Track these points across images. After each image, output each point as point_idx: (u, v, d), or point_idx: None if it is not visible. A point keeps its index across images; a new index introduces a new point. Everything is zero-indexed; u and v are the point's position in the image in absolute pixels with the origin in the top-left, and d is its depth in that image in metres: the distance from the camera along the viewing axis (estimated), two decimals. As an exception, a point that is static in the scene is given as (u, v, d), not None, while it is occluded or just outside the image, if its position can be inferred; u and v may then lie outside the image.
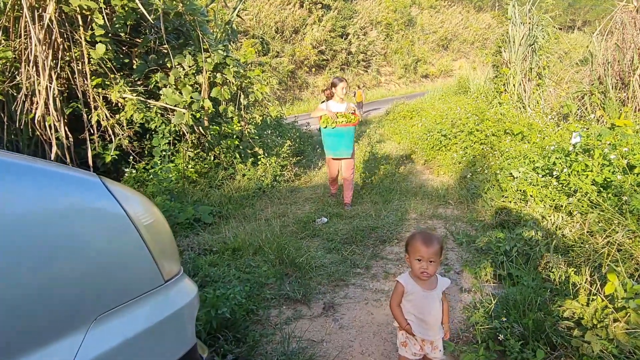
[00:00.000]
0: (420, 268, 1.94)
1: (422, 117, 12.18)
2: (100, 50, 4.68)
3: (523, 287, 2.94)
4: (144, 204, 1.32)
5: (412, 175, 7.72)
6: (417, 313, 2.02)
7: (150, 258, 1.26)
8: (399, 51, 31.65)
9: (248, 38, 25.57)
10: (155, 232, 1.32)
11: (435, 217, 5.27)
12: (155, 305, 1.27)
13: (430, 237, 1.96)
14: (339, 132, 5.45)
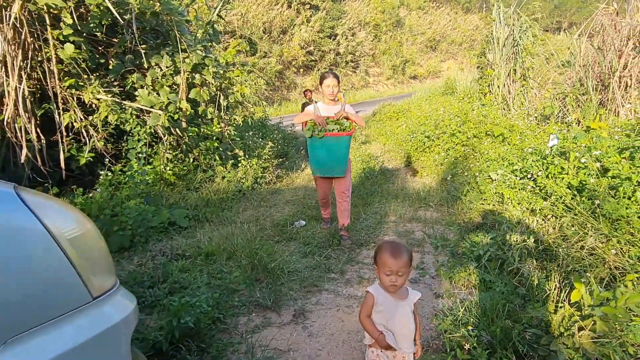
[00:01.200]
0: (390, 281, 1.89)
1: (407, 118, 12.18)
2: (69, 50, 4.56)
3: (495, 293, 2.90)
4: (70, 216, 1.24)
5: (395, 176, 7.68)
6: (387, 324, 1.96)
7: (74, 274, 1.18)
8: (387, 52, 31.70)
9: (235, 38, 25.41)
10: (82, 245, 1.24)
11: (414, 220, 5.23)
12: (82, 323, 1.19)
13: (398, 250, 1.90)
14: (328, 144, 4.20)
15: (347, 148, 4.29)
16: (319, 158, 4.35)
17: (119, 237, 4.48)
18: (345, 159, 4.32)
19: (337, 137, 4.16)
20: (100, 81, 5.70)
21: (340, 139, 4.19)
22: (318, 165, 4.42)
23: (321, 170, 4.44)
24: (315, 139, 4.20)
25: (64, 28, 4.47)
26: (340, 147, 4.23)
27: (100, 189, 5.33)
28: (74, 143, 5.73)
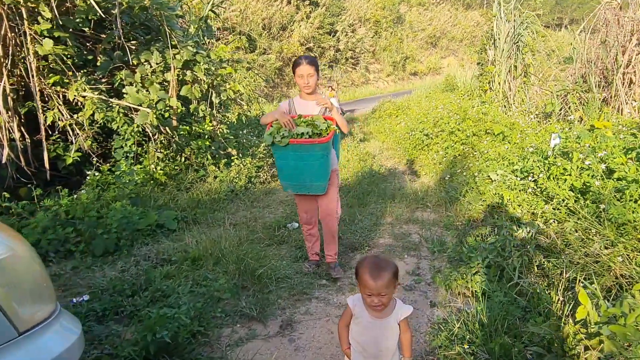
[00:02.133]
0: (372, 302, 1.73)
1: (407, 116, 11.99)
2: (48, 46, 4.38)
3: (493, 303, 2.72)
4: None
5: (393, 176, 7.50)
6: (360, 341, 1.82)
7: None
8: (388, 48, 31.42)
9: (234, 35, 25.18)
10: (6, 271, 1.06)
11: (411, 222, 5.05)
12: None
13: (378, 270, 1.70)
14: (296, 154, 3.14)
15: (323, 159, 3.12)
16: (287, 172, 3.31)
17: (103, 240, 4.31)
18: (322, 173, 3.22)
19: (307, 146, 3.02)
20: (88, 78, 5.52)
21: (311, 149, 3.04)
22: (286, 179, 3.37)
23: (292, 186, 3.40)
24: (278, 148, 3.11)
25: (42, 22, 4.29)
26: (313, 158, 3.10)
27: (86, 190, 5.16)
28: (61, 142, 5.55)
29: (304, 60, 3.22)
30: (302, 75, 3.22)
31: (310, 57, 3.26)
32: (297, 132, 3.08)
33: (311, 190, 3.38)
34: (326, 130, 3.09)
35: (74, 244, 4.33)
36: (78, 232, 4.43)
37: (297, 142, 3.05)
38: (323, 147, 3.08)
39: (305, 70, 3.21)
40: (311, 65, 3.22)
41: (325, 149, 3.12)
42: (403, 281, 3.57)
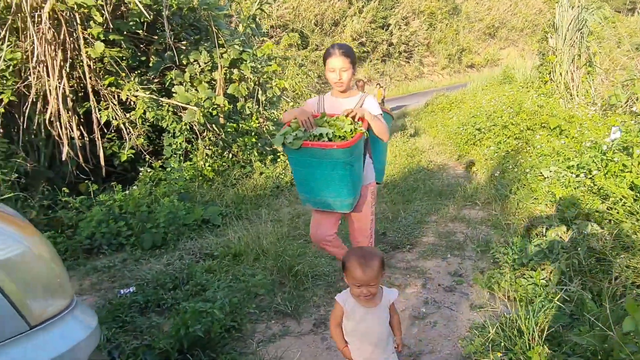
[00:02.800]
0: (360, 294, 1.74)
1: (460, 110, 11.61)
2: (99, 49, 4.60)
3: (537, 309, 2.55)
4: (5, 233, 1.11)
5: (443, 172, 7.28)
6: (359, 333, 1.83)
7: (2, 300, 1.05)
8: (443, 41, 30.54)
9: (287, 32, 25.44)
10: (19, 267, 1.11)
11: (457, 220, 4.87)
12: (13, 357, 1.06)
13: (367, 260, 1.72)
14: (311, 161, 2.51)
15: (347, 169, 2.46)
16: (304, 182, 2.71)
17: (151, 234, 4.49)
18: (347, 187, 2.54)
19: (325, 151, 2.37)
20: (141, 79, 5.77)
21: (330, 154, 2.38)
22: (304, 191, 2.74)
23: (312, 201, 2.75)
24: (291, 151, 2.52)
25: (93, 27, 4.51)
26: (334, 167, 2.44)
27: (138, 186, 5.40)
28: (116, 140, 5.85)
29: (337, 50, 2.59)
30: (333, 69, 2.60)
31: (345, 46, 2.66)
32: (315, 134, 2.42)
33: (335, 207, 2.68)
34: (351, 134, 2.41)
35: (125, 237, 4.54)
36: (129, 226, 4.64)
37: (312, 145, 2.36)
38: (345, 152, 2.36)
39: (338, 63, 2.58)
40: (346, 57, 2.58)
41: (348, 156, 2.38)
42: (443, 282, 3.45)
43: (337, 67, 2.61)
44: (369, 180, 2.83)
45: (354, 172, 2.53)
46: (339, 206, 2.67)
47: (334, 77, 2.64)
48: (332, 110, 2.70)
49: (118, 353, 2.58)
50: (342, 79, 2.64)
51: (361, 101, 2.74)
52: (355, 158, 2.50)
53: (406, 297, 3.26)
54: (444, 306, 3.10)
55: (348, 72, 2.64)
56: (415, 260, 3.89)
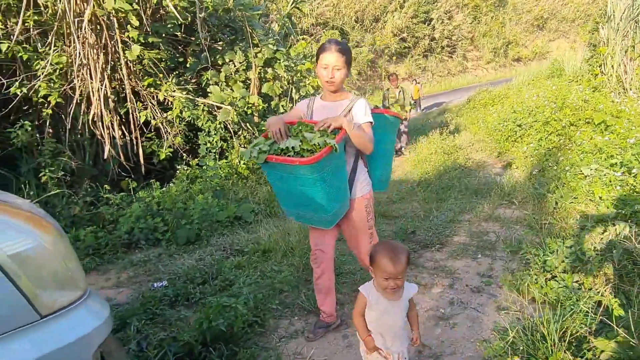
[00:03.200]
0: (387, 286, 1.81)
1: (503, 105, 11.24)
2: (135, 51, 4.79)
3: (565, 312, 2.45)
4: (12, 230, 1.19)
5: (480, 169, 7.09)
6: (380, 325, 1.92)
7: (15, 291, 1.13)
8: (488, 34, 29.66)
9: (327, 29, 25.48)
10: (31, 260, 1.19)
11: (491, 219, 4.73)
12: (23, 345, 1.14)
13: (397, 255, 1.79)
14: (282, 175, 2.30)
15: (319, 185, 2.19)
16: (281, 195, 2.52)
17: (186, 230, 4.63)
18: (319, 203, 2.27)
19: (290, 167, 2.14)
20: (178, 79, 5.96)
21: (295, 170, 2.16)
22: (284, 204, 2.57)
23: (294, 214, 2.56)
24: (263, 165, 2.28)
25: (130, 30, 4.70)
26: (300, 183, 2.23)
27: (175, 183, 5.59)
28: (155, 139, 6.07)
29: (333, 45, 2.34)
30: (326, 66, 2.34)
31: (343, 43, 2.39)
32: (279, 148, 2.20)
33: (314, 223, 2.47)
34: (319, 147, 2.11)
35: (162, 233, 4.72)
36: (165, 222, 4.81)
37: (275, 160, 2.16)
38: (312, 169, 2.10)
39: (332, 60, 2.32)
40: (341, 55, 2.33)
41: (316, 172, 2.12)
42: (471, 282, 3.37)
43: (330, 64, 2.34)
44: (363, 192, 2.53)
45: (329, 188, 2.24)
46: (318, 222, 2.44)
47: (326, 74, 2.36)
48: (319, 115, 2.45)
49: (146, 344, 2.69)
50: (334, 78, 2.36)
51: (350, 105, 2.42)
52: (329, 173, 2.19)
53: (432, 297, 3.21)
54: (470, 307, 3.03)
55: (341, 71, 2.36)
56: (444, 260, 3.82)
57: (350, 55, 2.43)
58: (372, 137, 2.35)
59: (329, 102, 2.50)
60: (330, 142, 2.09)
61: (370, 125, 2.38)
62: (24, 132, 4.90)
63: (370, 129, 2.38)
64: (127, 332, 2.80)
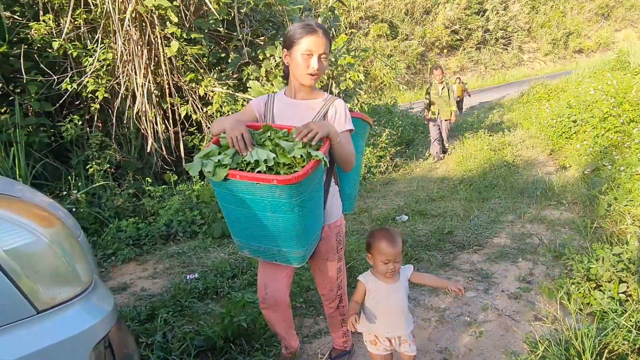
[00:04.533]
0: (387, 269, 1.87)
1: (559, 100, 10.64)
2: (174, 48, 4.87)
3: (606, 325, 2.26)
4: (8, 225, 1.20)
5: (530, 167, 6.74)
6: (382, 309, 1.96)
7: (10, 286, 1.15)
8: (547, 24, 28.17)
9: (376, 22, 25.14)
10: (29, 255, 1.20)
11: (537, 221, 4.47)
12: (17, 340, 1.15)
13: (394, 236, 1.87)
14: (244, 197, 1.67)
15: (293, 212, 1.65)
16: (236, 223, 1.86)
17: (221, 223, 4.68)
18: (292, 235, 1.75)
19: (261, 187, 1.60)
20: (219, 75, 6.03)
21: (269, 191, 1.61)
22: (238, 234, 1.91)
23: (249, 248, 1.92)
24: (215, 183, 1.70)
25: (169, 26, 4.79)
26: (272, 208, 1.67)
27: (215, 177, 5.68)
28: (197, 134, 6.19)
29: (319, 28, 1.79)
30: (310, 52, 1.77)
31: (325, 27, 1.83)
32: (248, 160, 1.60)
33: (278, 259, 1.86)
34: (303, 160, 1.59)
35: (199, 225, 4.81)
36: (203, 215, 4.90)
37: (241, 178, 1.58)
38: (291, 190, 1.56)
39: (320, 46, 1.77)
40: (328, 40, 1.81)
41: (296, 194, 1.58)
42: (508, 288, 3.19)
43: (316, 51, 1.77)
44: (334, 217, 2.04)
45: (306, 215, 1.70)
46: (284, 258, 1.85)
47: (311, 65, 1.78)
48: (284, 117, 1.90)
49: (171, 336, 2.74)
50: (321, 69, 1.82)
51: (325, 107, 1.89)
52: (309, 196, 1.65)
53: (465, 302, 3.06)
54: (505, 314, 2.87)
55: (326, 60, 1.85)
56: (481, 263, 3.64)
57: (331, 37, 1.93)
58: (354, 151, 1.89)
59: (299, 100, 1.92)
60: (317, 155, 1.56)
61: (350, 135, 1.90)
62: (73, 126, 5.13)
63: (351, 138, 1.91)
64: (154, 324, 2.86)
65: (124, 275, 3.90)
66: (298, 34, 1.78)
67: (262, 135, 1.72)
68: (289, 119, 1.86)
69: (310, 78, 1.82)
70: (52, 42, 4.94)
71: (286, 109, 1.93)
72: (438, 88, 8.01)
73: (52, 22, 4.90)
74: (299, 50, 1.78)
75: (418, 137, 9.61)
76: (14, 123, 4.85)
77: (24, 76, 4.82)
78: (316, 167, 1.59)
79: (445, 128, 8.14)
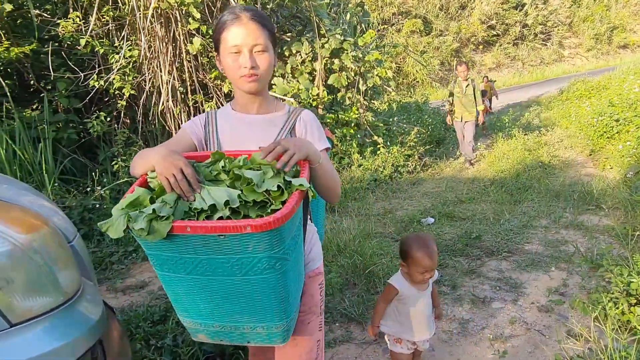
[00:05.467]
0: (424, 278, 1.89)
1: (600, 98, 10.11)
2: (196, 44, 4.82)
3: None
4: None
5: (567, 169, 6.40)
6: (412, 314, 1.98)
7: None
8: (589, 19, 26.98)
9: (410, 18, 24.70)
10: (2, 264, 1.13)
11: (573, 227, 4.20)
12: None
13: (431, 246, 1.86)
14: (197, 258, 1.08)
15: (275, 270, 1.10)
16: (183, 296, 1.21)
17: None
18: (274, 303, 1.17)
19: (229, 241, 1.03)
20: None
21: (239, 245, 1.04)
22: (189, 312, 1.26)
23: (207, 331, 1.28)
24: (148, 244, 1.10)
25: (192, 23, 4.74)
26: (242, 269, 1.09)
27: (238, 175, 5.64)
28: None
29: (244, 13, 1.29)
30: (237, 49, 1.28)
31: (255, 10, 1.34)
32: (199, 207, 1.07)
33: (254, 339, 1.27)
34: (282, 192, 1.10)
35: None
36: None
37: (193, 232, 1.03)
38: (272, 238, 1.05)
39: (246, 36, 1.28)
40: (262, 27, 1.30)
41: (277, 244, 1.07)
42: (539, 300, 2.98)
43: (244, 44, 1.27)
44: (316, 262, 1.49)
45: (290, 270, 1.16)
46: (262, 338, 1.25)
47: (242, 65, 1.27)
48: (235, 140, 1.39)
49: (182, 339, 2.67)
50: (258, 68, 1.29)
51: (291, 122, 1.41)
52: (291, 243, 1.14)
53: (490, 313, 2.88)
54: (534, 329, 2.67)
55: (267, 55, 1.30)
56: (511, 271, 3.43)
57: (272, 27, 1.36)
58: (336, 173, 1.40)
59: (253, 115, 1.40)
60: (302, 184, 1.08)
61: (327, 154, 1.43)
62: (100, 122, 5.17)
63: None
64: (166, 325, 2.81)
65: (143, 272, 3.88)
66: (219, 28, 1.31)
67: (212, 167, 1.18)
68: (242, 142, 1.33)
69: (247, 80, 1.29)
70: (80, 39, 4.99)
71: (237, 129, 1.38)
72: (462, 86, 7.13)
73: (79, 19, 4.94)
74: (225, 50, 1.30)
75: (450, 136, 9.30)
76: (43, 119, 4.94)
77: (51, 73, 4.88)
78: (301, 200, 1.10)
79: (471, 131, 7.07)
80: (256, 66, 1.29)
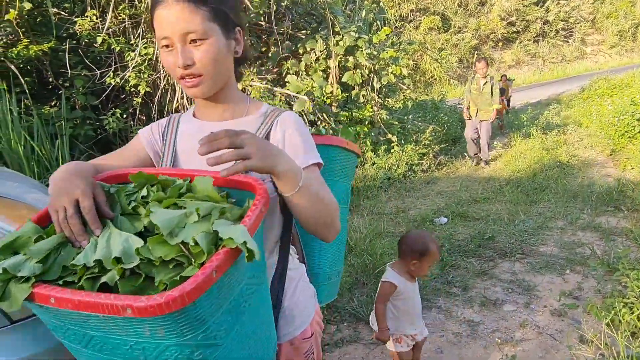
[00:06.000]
0: (427, 272, 2.03)
1: (622, 96, 9.86)
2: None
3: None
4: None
5: (586, 169, 6.25)
6: (413, 308, 2.06)
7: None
8: (613, 15, 26.32)
9: (428, 15, 24.44)
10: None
11: (590, 229, 4.11)
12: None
13: (437, 243, 2.01)
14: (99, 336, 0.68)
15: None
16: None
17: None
18: None
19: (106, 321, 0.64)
20: (259, 69, 5.98)
21: (124, 327, 0.64)
22: None
23: None
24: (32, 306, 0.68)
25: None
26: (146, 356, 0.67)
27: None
28: (236, 128, 6.19)
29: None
30: (166, 40, 0.90)
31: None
32: (75, 263, 0.70)
33: None
34: (202, 251, 0.67)
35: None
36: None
37: (63, 304, 0.63)
38: (174, 325, 0.62)
39: (175, 23, 0.87)
40: (194, 5, 0.87)
41: (187, 330, 0.64)
42: (552, 303, 2.92)
43: (173, 33, 0.88)
44: (302, 323, 1.09)
45: (230, 352, 0.74)
46: None
47: (173, 60, 0.91)
48: (192, 156, 1.00)
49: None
50: (195, 65, 0.91)
51: (266, 126, 1.03)
52: (224, 320, 0.71)
53: (501, 316, 2.83)
54: (546, 333, 2.62)
55: (208, 44, 0.90)
56: (524, 273, 3.37)
57: (229, 3, 0.96)
58: (336, 202, 0.96)
59: (215, 122, 1.05)
60: (233, 238, 0.66)
61: (319, 171, 1.00)
62: (116, 119, 5.23)
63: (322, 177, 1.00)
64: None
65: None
66: (150, 14, 0.94)
67: (135, 194, 0.83)
68: (199, 158, 0.81)
69: (186, 84, 0.94)
70: (97, 37, 5.06)
71: (195, 140, 0.81)
72: (480, 83, 6.81)
73: (96, 17, 5.00)
74: (158, 43, 0.94)
75: (466, 134, 9.20)
76: (61, 116, 5.02)
77: (69, 71, 4.96)
78: (230, 267, 0.67)
79: (486, 131, 6.80)
80: (192, 63, 0.90)
